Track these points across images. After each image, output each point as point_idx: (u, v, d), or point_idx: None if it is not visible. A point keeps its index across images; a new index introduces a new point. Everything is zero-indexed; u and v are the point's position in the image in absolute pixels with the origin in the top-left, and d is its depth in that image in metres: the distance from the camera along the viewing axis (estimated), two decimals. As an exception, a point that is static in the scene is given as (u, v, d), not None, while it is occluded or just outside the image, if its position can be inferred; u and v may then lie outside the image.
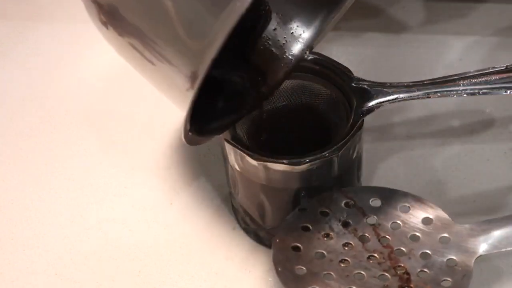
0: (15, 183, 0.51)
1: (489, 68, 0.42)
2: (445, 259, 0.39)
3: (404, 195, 0.41)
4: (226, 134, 0.41)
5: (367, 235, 0.40)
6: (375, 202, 0.41)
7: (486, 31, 0.58)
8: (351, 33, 0.59)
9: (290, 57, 0.43)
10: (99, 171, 0.51)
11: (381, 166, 0.50)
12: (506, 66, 0.43)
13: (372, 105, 0.42)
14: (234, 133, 0.41)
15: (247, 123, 0.44)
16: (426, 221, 0.40)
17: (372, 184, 0.49)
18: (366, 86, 0.43)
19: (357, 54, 0.57)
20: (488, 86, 0.42)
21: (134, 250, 0.47)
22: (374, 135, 0.51)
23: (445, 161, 0.50)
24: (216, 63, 0.33)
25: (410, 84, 0.42)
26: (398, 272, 0.38)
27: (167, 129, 0.53)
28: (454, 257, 0.39)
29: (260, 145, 0.43)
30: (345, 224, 0.40)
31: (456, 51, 0.57)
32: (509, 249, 0.39)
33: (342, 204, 0.41)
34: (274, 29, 0.43)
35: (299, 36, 0.43)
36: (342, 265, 0.39)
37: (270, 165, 0.40)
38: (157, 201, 0.49)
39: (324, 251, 0.39)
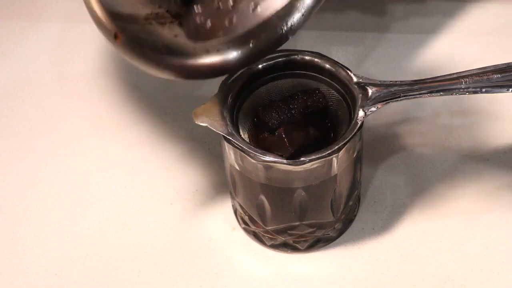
0: (15, 183, 0.51)
1: (490, 67, 0.42)
2: None
3: None
4: (226, 133, 0.41)
5: None
6: None
7: (488, 30, 0.58)
8: (351, 33, 0.59)
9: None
10: (99, 171, 0.51)
11: (381, 166, 0.50)
12: (508, 64, 0.43)
13: (374, 104, 0.42)
14: (235, 132, 0.41)
15: (247, 122, 0.44)
16: None
17: (373, 185, 0.49)
18: (367, 86, 0.42)
19: (357, 54, 0.57)
20: (490, 84, 0.42)
21: (134, 250, 0.47)
22: (374, 135, 0.51)
23: (445, 161, 0.50)
24: None
25: (412, 82, 0.42)
26: None
27: (167, 129, 0.53)
28: None
29: (260, 145, 0.43)
30: None
31: (457, 50, 0.57)
32: None
33: None
34: None
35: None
36: None
37: (270, 165, 0.40)
38: (157, 201, 0.49)
39: None
